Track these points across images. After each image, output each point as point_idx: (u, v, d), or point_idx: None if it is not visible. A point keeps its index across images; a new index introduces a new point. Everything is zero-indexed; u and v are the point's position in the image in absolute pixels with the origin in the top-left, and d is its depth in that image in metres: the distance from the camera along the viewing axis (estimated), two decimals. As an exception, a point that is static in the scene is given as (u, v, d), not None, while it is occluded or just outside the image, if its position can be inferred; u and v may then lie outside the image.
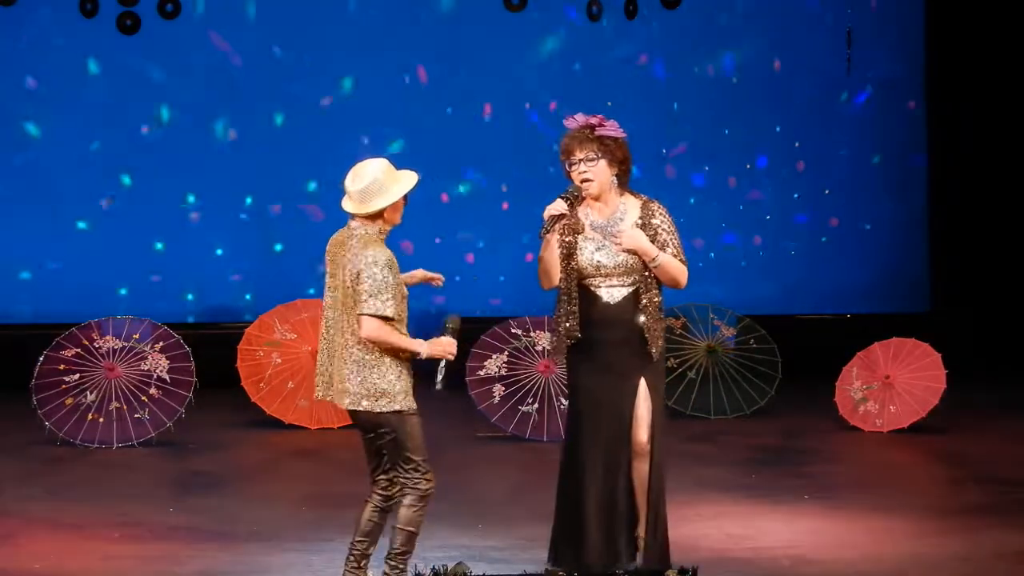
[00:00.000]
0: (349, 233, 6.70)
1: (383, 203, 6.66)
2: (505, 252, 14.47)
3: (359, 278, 6.55)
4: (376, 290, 6.53)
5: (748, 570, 7.62)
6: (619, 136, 7.10)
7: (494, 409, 11.35)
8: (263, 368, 11.63)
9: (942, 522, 8.67)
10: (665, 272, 7.07)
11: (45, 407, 10.94)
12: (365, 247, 6.60)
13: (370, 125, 14.37)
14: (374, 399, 6.60)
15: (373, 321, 6.52)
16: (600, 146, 7.06)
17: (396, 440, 6.67)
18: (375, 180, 6.66)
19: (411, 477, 6.72)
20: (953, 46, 15.09)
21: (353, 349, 6.62)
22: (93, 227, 14.11)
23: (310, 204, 14.02)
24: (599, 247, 7.09)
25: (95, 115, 14.10)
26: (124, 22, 14.11)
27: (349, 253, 6.63)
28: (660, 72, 14.81)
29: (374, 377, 6.60)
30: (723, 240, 14.99)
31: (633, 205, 7.14)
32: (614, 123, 7.14)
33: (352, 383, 6.61)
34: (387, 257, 6.59)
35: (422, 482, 6.74)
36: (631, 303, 7.07)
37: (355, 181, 6.67)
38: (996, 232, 15.17)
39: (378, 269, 6.54)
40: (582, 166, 7.08)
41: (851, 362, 11.94)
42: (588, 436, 7.08)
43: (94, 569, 7.66)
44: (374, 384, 6.60)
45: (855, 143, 15.20)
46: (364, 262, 6.56)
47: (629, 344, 7.07)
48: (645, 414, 7.06)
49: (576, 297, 7.10)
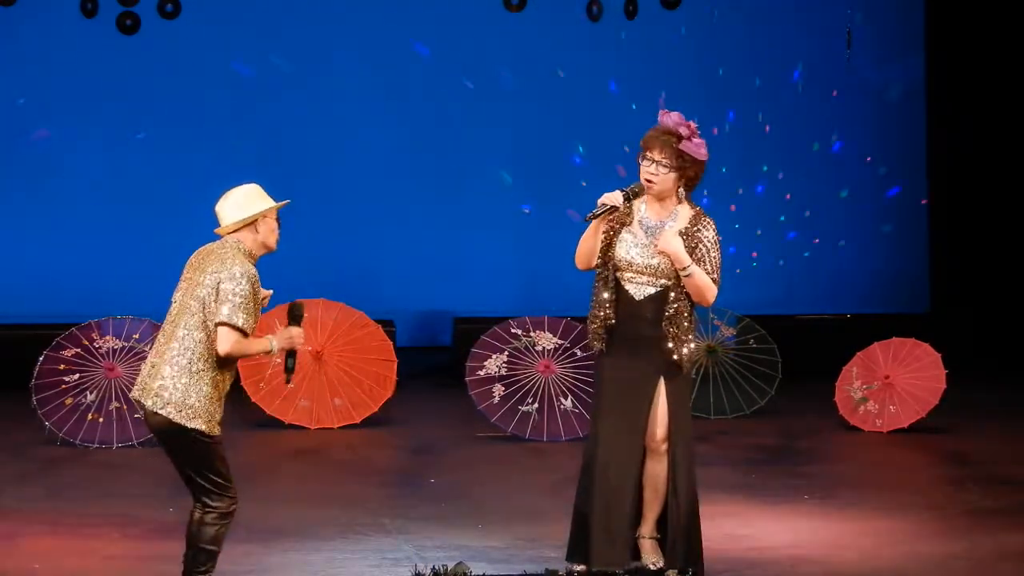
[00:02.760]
0: (219, 245, 6.70)
1: (249, 212, 6.64)
2: (507, 252, 14.47)
3: (220, 289, 6.53)
4: (239, 303, 6.50)
5: (748, 570, 7.62)
6: (699, 158, 7.09)
7: (494, 409, 11.34)
8: (263, 368, 11.63)
9: (942, 522, 8.68)
10: (693, 283, 7.06)
11: (45, 407, 10.94)
12: (233, 261, 6.59)
13: (370, 126, 14.37)
14: (179, 410, 6.54)
15: (232, 334, 6.49)
16: (677, 158, 7.07)
17: (193, 457, 6.61)
18: (245, 195, 6.70)
19: (209, 494, 6.67)
20: (953, 47, 15.09)
21: (177, 356, 6.56)
22: (93, 227, 14.12)
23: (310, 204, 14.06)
24: (638, 244, 7.08)
25: (95, 115, 14.10)
26: (124, 22, 14.11)
27: (212, 263, 6.61)
28: (661, 73, 14.82)
29: (185, 392, 6.53)
30: (723, 240, 14.96)
31: (685, 214, 7.15)
32: (702, 142, 7.12)
33: (166, 389, 6.54)
34: (253, 273, 6.59)
35: (222, 500, 6.69)
36: (658, 303, 7.07)
37: (223, 201, 6.73)
38: (996, 232, 15.17)
39: (243, 283, 6.53)
40: (653, 167, 7.08)
41: (851, 362, 11.94)
42: (604, 432, 7.09)
43: (94, 569, 7.66)
44: (185, 397, 6.53)
45: (855, 143, 15.20)
46: (230, 273, 6.55)
47: (651, 343, 7.07)
48: (663, 414, 7.06)
49: (613, 287, 7.08)
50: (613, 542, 7.07)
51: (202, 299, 6.55)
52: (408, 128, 14.43)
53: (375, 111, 14.42)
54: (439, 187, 14.52)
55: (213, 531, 6.70)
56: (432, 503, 9.19)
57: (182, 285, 6.69)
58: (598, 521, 7.06)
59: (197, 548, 6.70)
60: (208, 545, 6.70)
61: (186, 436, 6.56)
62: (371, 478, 9.98)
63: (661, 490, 7.12)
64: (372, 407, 11.58)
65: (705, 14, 14.83)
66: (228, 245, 6.67)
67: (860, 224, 15.22)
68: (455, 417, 12.13)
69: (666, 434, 7.07)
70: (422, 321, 14.32)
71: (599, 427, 7.12)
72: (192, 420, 6.54)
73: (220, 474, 6.67)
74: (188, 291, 6.64)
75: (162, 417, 6.55)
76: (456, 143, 14.53)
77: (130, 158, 14.15)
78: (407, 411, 12.42)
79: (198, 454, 6.61)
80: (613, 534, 7.07)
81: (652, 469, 7.10)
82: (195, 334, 6.54)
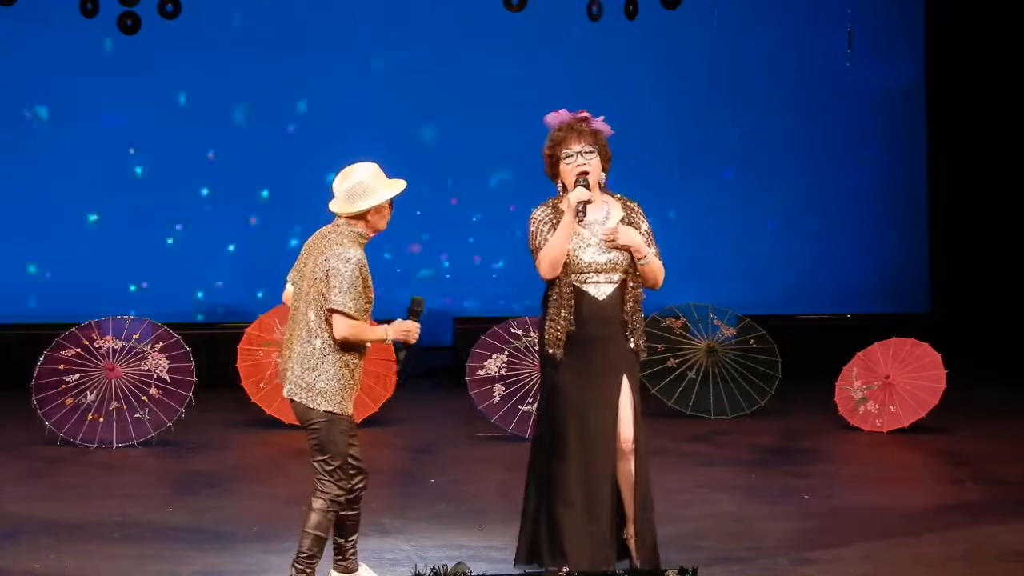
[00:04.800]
0: (332, 229, 6.78)
1: (366, 205, 6.76)
2: (507, 252, 14.48)
3: (329, 275, 6.61)
4: (347, 287, 6.58)
5: (748, 570, 7.62)
6: (609, 132, 7.13)
7: (494, 409, 11.34)
8: (263, 368, 11.63)
9: (942, 522, 8.67)
10: (651, 270, 7.07)
11: (45, 407, 10.94)
12: (343, 245, 6.67)
13: (369, 126, 14.37)
14: (307, 393, 6.67)
15: (344, 320, 6.59)
16: (595, 139, 7.08)
17: (319, 441, 6.71)
18: (361, 182, 6.78)
19: (321, 480, 6.74)
20: (953, 46, 15.10)
21: (303, 342, 6.69)
22: (93, 227, 14.12)
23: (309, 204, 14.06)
24: (590, 244, 7.06)
25: (95, 115, 14.11)
26: (124, 22, 14.12)
27: (326, 248, 6.70)
28: (661, 73, 14.82)
29: (313, 374, 6.67)
30: (723, 240, 14.99)
31: (614, 204, 7.14)
32: (601, 118, 7.16)
33: (295, 373, 6.70)
34: (360, 257, 6.66)
35: (332, 487, 6.75)
36: (618, 299, 7.06)
37: (342, 182, 6.80)
38: (996, 232, 15.18)
39: (351, 267, 6.60)
40: (580, 158, 7.06)
41: (851, 362, 11.94)
42: (574, 434, 7.03)
43: (94, 569, 7.65)
44: (312, 381, 6.66)
45: (855, 143, 15.20)
46: (338, 259, 6.62)
47: (616, 340, 7.06)
48: (628, 412, 7.04)
49: (570, 292, 7.05)
50: (599, 543, 7.03)
51: (317, 284, 6.64)
52: (407, 128, 14.43)
53: (374, 111, 14.42)
54: (438, 186, 14.51)
55: (321, 517, 6.74)
56: (432, 503, 9.19)
57: (300, 267, 6.79)
58: (579, 523, 6.99)
59: (304, 534, 6.75)
60: (314, 531, 6.75)
61: (314, 419, 6.66)
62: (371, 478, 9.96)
63: (633, 488, 7.08)
64: (372, 407, 11.58)
65: (705, 14, 14.83)
66: (341, 230, 6.75)
67: (860, 224, 15.23)
68: (455, 417, 12.14)
69: (633, 433, 7.04)
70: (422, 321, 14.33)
71: (568, 430, 7.03)
72: (321, 404, 6.64)
73: (338, 460, 6.72)
74: (307, 276, 6.74)
75: (296, 402, 6.70)
76: (456, 142, 14.52)
77: (130, 158, 14.16)
78: (407, 411, 12.42)
79: (322, 438, 6.69)
80: (598, 535, 7.03)
81: (624, 468, 7.06)
82: (319, 319, 6.64)
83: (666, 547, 7.34)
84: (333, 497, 6.74)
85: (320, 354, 6.67)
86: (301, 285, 6.79)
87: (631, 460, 7.05)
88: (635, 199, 7.19)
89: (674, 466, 10.32)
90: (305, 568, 6.76)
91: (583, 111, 7.16)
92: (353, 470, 6.86)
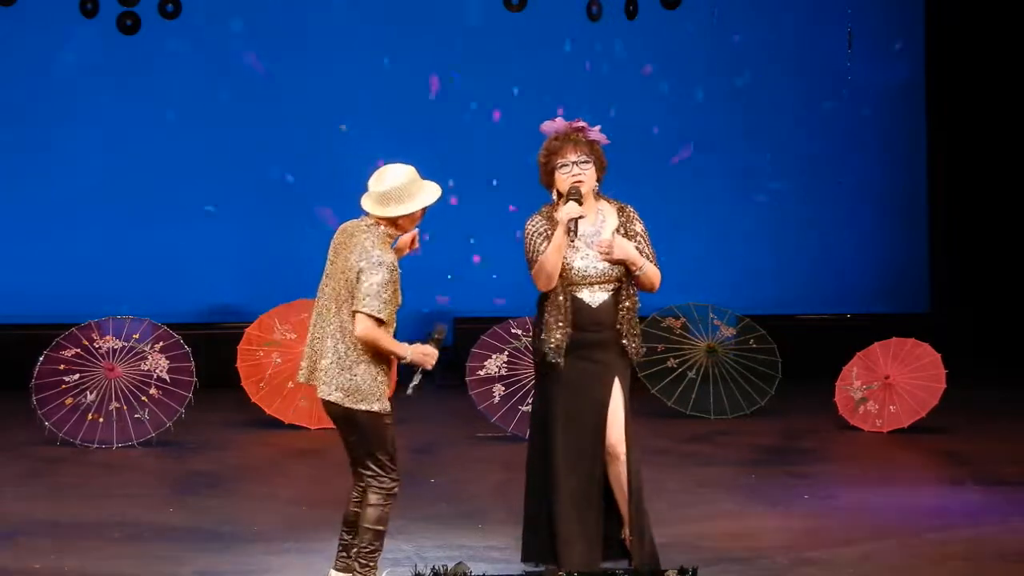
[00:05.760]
0: (360, 227, 6.74)
1: (401, 211, 6.73)
2: (507, 252, 14.47)
3: (360, 275, 6.58)
4: (376, 291, 6.56)
5: (748, 570, 7.62)
6: (605, 141, 7.13)
7: (494, 409, 11.34)
8: (263, 368, 11.63)
9: (942, 522, 8.67)
10: (647, 278, 7.07)
11: (45, 407, 10.94)
12: (374, 247, 6.64)
13: (368, 126, 14.37)
14: (346, 394, 6.65)
15: (368, 321, 6.57)
16: (591, 149, 7.07)
17: (363, 438, 6.72)
18: (398, 187, 6.73)
19: (375, 475, 6.76)
20: (953, 46, 15.10)
21: (337, 342, 6.67)
22: (93, 227, 14.12)
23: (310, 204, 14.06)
24: (584, 256, 7.05)
25: (95, 115, 14.11)
26: (124, 22, 14.11)
27: (356, 247, 6.66)
28: (661, 73, 14.82)
29: (350, 375, 6.66)
30: (723, 239, 14.98)
31: (609, 211, 7.13)
32: (598, 128, 7.16)
33: (330, 374, 6.67)
34: (392, 261, 6.64)
35: (387, 480, 6.77)
36: (611, 305, 7.06)
37: (379, 183, 6.74)
38: (996, 232, 15.18)
39: (382, 271, 6.58)
40: (575, 168, 7.06)
41: (851, 362, 11.94)
42: (564, 437, 7.02)
43: (94, 569, 7.65)
44: (350, 381, 6.65)
45: (855, 143, 15.20)
46: (369, 261, 6.59)
47: (609, 345, 7.05)
48: (619, 416, 7.03)
49: (567, 301, 7.04)
50: (587, 545, 7.02)
51: (350, 284, 6.63)
52: (407, 128, 14.42)
53: (374, 111, 14.41)
54: (443, 188, 14.48)
55: (379, 512, 6.77)
56: (432, 503, 9.19)
57: (327, 268, 6.76)
58: (568, 525, 6.99)
59: (363, 529, 6.76)
60: (375, 525, 6.76)
61: (358, 419, 6.65)
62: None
63: (626, 489, 7.08)
64: (372, 407, 11.57)
65: (705, 14, 14.83)
66: (371, 230, 6.70)
67: (860, 224, 15.22)
68: (455, 417, 12.14)
69: (622, 436, 7.04)
70: (422, 321, 14.31)
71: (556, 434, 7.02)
72: (361, 402, 6.64)
73: (388, 454, 6.74)
74: (332, 272, 6.73)
75: (333, 404, 6.67)
76: (455, 143, 14.52)
77: (130, 158, 14.15)
78: (407, 411, 12.40)
79: (370, 435, 6.70)
80: (587, 538, 7.02)
81: (615, 470, 7.06)
82: (343, 317, 6.64)
83: (666, 547, 7.34)
84: (389, 490, 6.76)
85: (357, 353, 6.64)
86: (327, 283, 6.77)
87: (622, 463, 7.04)
88: (634, 199, 7.19)
89: (674, 466, 10.32)
90: (369, 562, 6.79)
91: (579, 120, 7.14)
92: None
